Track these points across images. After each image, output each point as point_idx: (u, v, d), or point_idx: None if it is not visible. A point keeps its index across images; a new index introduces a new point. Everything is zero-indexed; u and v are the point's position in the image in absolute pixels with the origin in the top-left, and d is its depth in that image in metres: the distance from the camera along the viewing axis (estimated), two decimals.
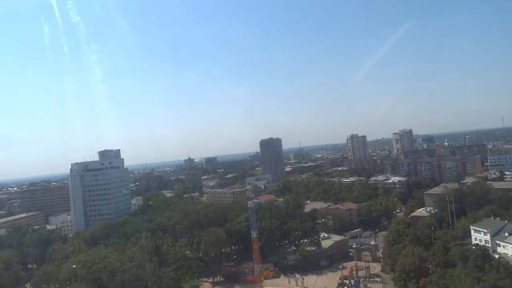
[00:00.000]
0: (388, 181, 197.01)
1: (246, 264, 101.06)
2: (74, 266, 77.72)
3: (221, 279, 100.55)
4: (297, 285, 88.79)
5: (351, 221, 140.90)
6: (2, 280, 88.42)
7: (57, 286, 78.17)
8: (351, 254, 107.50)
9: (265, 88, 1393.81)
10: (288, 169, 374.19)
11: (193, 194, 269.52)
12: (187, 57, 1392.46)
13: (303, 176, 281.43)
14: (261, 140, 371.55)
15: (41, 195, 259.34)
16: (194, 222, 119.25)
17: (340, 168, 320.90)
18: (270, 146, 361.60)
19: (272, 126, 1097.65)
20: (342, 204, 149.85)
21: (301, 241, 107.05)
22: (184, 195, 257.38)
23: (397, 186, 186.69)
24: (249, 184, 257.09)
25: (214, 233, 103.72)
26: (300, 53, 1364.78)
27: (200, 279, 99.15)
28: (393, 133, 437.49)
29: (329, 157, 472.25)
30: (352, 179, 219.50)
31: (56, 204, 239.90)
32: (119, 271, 73.04)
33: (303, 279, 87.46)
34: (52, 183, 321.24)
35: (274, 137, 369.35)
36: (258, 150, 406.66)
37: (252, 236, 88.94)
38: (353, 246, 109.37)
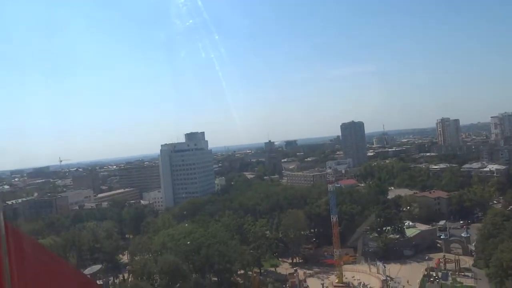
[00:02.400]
0: (484, 169, 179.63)
1: (326, 247, 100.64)
2: (164, 238, 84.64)
3: (300, 260, 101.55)
4: (378, 273, 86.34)
5: (440, 211, 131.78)
6: (105, 247, 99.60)
7: (150, 255, 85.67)
8: (438, 245, 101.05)
9: (349, 69, 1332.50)
10: (370, 153, 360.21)
11: (273, 177, 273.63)
12: (273, 35, 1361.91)
13: (387, 161, 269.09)
14: (342, 123, 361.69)
15: (135, 173, 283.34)
16: (274, 204, 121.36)
17: (428, 154, 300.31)
18: (352, 129, 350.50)
19: (354, 109, 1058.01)
20: (430, 192, 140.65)
21: (384, 228, 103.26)
22: (265, 177, 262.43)
23: (495, 175, 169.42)
24: (329, 168, 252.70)
25: (293, 215, 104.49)
26: (389, 34, 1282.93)
27: (280, 259, 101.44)
28: (492, 117, 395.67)
29: (415, 142, 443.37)
30: (441, 165, 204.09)
31: (148, 182, 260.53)
32: (204, 245, 77.72)
33: (384, 266, 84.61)
34: (145, 163, 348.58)
35: (356, 120, 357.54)
36: (339, 134, 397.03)
37: (332, 220, 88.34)
38: (442, 237, 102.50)
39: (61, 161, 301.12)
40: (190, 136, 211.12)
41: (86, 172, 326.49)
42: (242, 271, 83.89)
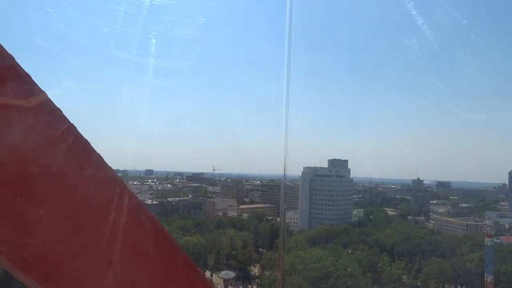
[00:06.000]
0: None
1: None
2: (294, 259, 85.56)
3: None
4: None
5: None
6: (240, 255, 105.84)
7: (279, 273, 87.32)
8: None
9: None
10: None
11: (417, 217, 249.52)
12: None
13: None
14: (511, 170, 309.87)
15: (276, 190, 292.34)
16: (415, 247, 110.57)
17: None
18: None
19: None
20: None
21: None
22: (408, 217, 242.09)
23: None
24: (489, 219, 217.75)
25: (438, 264, 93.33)
26: None
27: None
28: None
29: None
30: None
31: (287, 201, 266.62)
32: (333, 275, 75.66)
33: None
34: (287, 182, 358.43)
35: None
36: (506, 181, 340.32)
37: (485, 279, 76.55)
38: None
39: (214, 170, 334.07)
40: (333, 162, 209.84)
41: (233, 183, 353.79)
42: None
